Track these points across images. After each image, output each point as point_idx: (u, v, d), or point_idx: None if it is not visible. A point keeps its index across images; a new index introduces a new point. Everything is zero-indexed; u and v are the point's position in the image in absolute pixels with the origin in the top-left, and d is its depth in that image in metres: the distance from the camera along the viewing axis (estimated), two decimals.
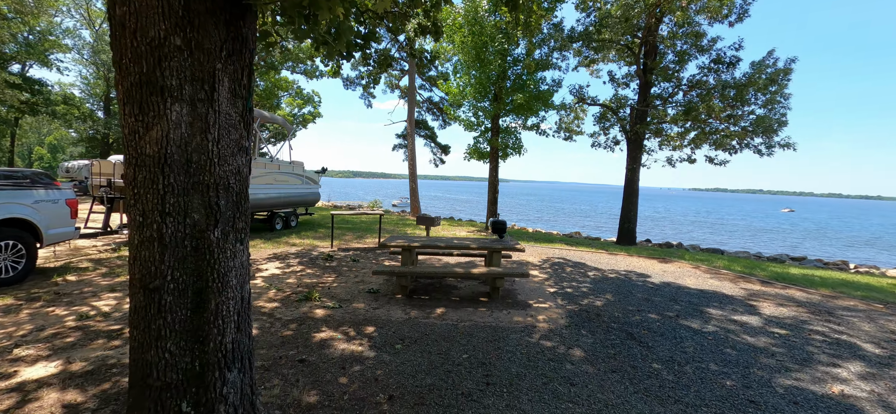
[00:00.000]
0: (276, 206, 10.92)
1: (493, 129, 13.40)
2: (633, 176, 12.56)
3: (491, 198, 13.62)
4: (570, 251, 9.37)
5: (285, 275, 6.03)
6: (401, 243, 5.11)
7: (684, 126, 12.62)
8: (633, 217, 12.62)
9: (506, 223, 5.48)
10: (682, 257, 9.52)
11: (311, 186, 12.76)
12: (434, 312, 4.55)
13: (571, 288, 5.84)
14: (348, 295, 5.11)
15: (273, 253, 7.63)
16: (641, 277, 6.85)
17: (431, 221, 8.90)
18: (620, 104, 13.45)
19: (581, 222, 37.28)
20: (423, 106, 24.40)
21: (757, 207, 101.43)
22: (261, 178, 10.17)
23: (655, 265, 8.03)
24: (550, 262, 7.82)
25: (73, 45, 31.22)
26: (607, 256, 8.98)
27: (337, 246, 8.72)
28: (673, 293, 5.78)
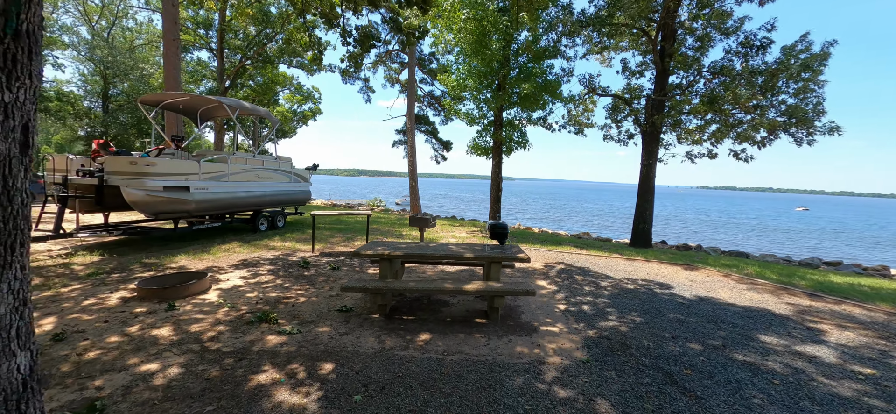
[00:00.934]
0: (259, 205, 10.06)
1: (496, 122, 12.43)
2: (648, 172, 11.51)
3: (494, 196, 12.66)
4: (580, 255, 8.38)
5: (248, 287, 5.13)
6: (379, 252, 4.18)
7: (704, 118, 11.55)
8: (649, 217, 11.58)
9: (506, 227, 4.53)
10: (706, 262, 8.49)
11: (300, 184, 11.89)
12: (416, 340, 3.61)
13: (587, 304, 4.87)
14: (315, 314, 4.19)
15: (243, 259, 6.75)
16: (667, 288, 5.86)
17: (425, 222, 7.96)
18: (634, 95, 12.39)
19: (590, 222, 36.11)
20: (424, 101, 23.48)
21: (769, 205, 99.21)
22: (241, 175, 9.31)
23: (680, 273, 7.02)
24: (559, 269, 6.85)
25: (69, 42, 30.70)
26: (623, 261, 7.98)
27: (319, 250, 7.82)
28: (711, 312, 4.78)
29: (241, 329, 3.75)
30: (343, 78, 23.27)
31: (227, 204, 8.94)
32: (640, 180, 11.68)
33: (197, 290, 4.81)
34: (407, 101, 19.00)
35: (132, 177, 6.95)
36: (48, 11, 31.28)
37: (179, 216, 8.01)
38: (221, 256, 7.00)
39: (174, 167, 7.57)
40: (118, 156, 7.04)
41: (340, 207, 24.07)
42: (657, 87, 11.42)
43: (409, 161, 18.91)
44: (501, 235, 4.53)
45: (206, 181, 8.25)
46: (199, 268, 6.12)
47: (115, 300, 4.47)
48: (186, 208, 7.85)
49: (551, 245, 9.91)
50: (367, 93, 23.21)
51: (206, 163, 8.30)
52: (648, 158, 11.44)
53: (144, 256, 6.73)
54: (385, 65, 22.59)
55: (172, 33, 13.28)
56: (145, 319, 3.93)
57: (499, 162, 12.58)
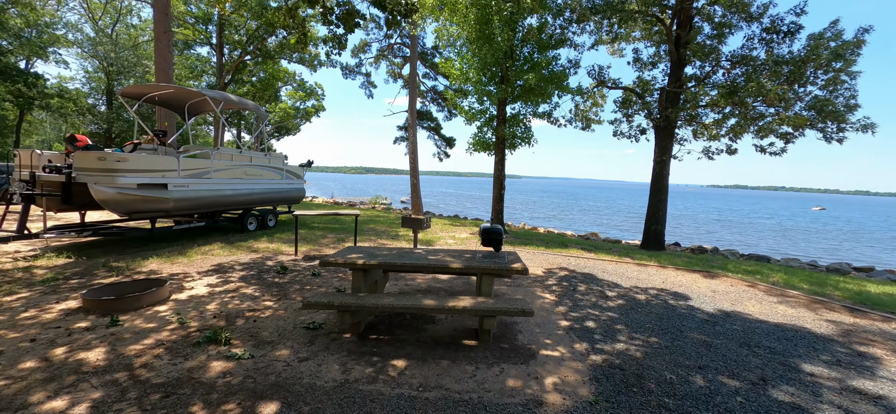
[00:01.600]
0: (248, 203, 9.55)
1: (499, 116, 11.76)
2: (661, 170, 10.76)
3: (496, 194, 12.01)
4: (587, 259, 7.71)
5: (211, 297, 4.58)
6: (352, 260, 3.59)
7: (722, 111, 10.76)
8: (662, 218, 10.83)
9: (501, 232, 3.89)
10: (725, 268, 7.76)
11: (293, 182, 11.36)
12: (389, 368, 3.01)
13: (593, 319, 4.22)
14: (276, 332, 3.62)
15: (218, 263, 6.20)
16: (685, 300, 5.17)
17: (419, 224, 7.36)
18: (647, 87, 11.63)
19: (598, 221, 35.21)
20: (426, 96, 22.85)
21: (782, 205, 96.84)
22: (227, 172, 8.79)
23: (699, 281, 6.31)
24: (563, 275, 6.19)
25: (74, 39, 30.69)
26: (635, 266, 7.29)
27: (303, 253, 7.26)
28: (741, 331, 4.10)
29: (185, 352, 3.19)
30: (344, 73, 22.79)
31: (212, 203, 8.43)
32: (652, 178, 10.94)
33: (152, 300, 4.27)
34: (408, 97, 18.39)
35: (101, 173, 6.45)
36: (53, 8, 31.30)
37: (156, 216, 7.51)
38: (197, 259, 6.48)
39: (149, 163, 7.06)
40: (87, 151, 6.54)
41: (342, 206, 23.60)
42: (672, 79, 10.66)
43: (410, 158, 18.32)
44: (495, 242, 3.89)
45: (186, 178, 7.73)
46: (169, 272, 5.60)
47: (57, 313, 3.95)
48: (164, 207, 7.34)
49: (556, 247, 9.24)
50: (369, 88, 22.67)
51: (186, 159, 7.78)
52: (662, 155, 10.69)
53: (114, 259, 6.23)
54: (387, 59, 22.01)
55: (163, 25, 12.84)
56: (79, 338, 3.39)
57: (502, 159, 11.92)
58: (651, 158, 11.16)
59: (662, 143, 10.72)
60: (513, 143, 12.04)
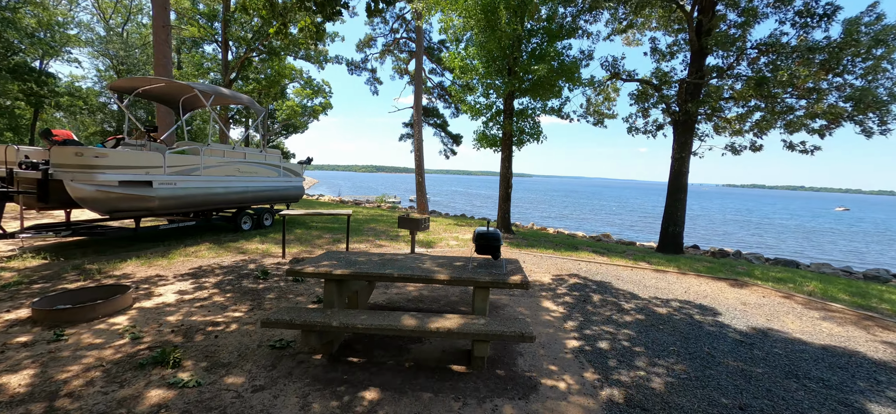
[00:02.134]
0: (241, 202, 9.16)
1: (505, 110, 11.15)
2: (680, 167, 10.03)
3: (502, 193, 11.42)
4: (600, 265, 7.08)
5: (178, 306, 4.13)
6: (323, 269, 3.08)
7: (747, 105, 9.99)
8: (681, 219, 10.11)
9: (499, 237, 3.33)
10: (752, 275, 7.05)
11: (291, 179, 10.95)
12: (357, 402, 2.50)
13: (607, 339, 3.64)
14: (236, 352, 3.13)
15: (198, 266, 5.77)
16: (714, 314, 4.54)
17: (416, 224, 6.84)
18: (665, 79, 10.88)
19: (610, 221, 34.21)
20: (433, 92, 22.31)
21: (802, 205, 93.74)
22: (218, 169, 8.40)
23: (726, 291, 5.65)
24: (573, 283, 5.60)
25: (86, 39, 31.03)
26: (652, 272, 6.64)
27: (293, 255, 6.79)
28: (784, 357, 3.47)
29: (123, 377, 2.72)
30: (349, 69, 22.41)
31: (201, 201, 8.05)
32: (670, 176, 10.22)
33: (110, 310, 3.83)
34: (414, 93, 17.89)
35: (78, 170, 6.08)
36: (66, 8, 31.64)
37: (141, 214, 7.14)
38: (178, 261, 6.07)
39: (131, 159, 6.69)
40: (64, 146, 6.19)
41: (347, 204, 23.24)
42: (692, 70, 9.92)
43: (415, 156, 17.82)
44: (493, 248, 3.33)
45: (173, 175, 7.35)
46: (145, 275, 5.19)
47: (1, 324, 3.53)
48: (148, 206, 6.97)
49: (566, 250, 8.62)
50: (375, 84, 22.25)
51: (173, 155, 7.40)
52: (681, 151, 9.96)
53: (90, 261, 5.86)
54: (393, 54, 21.55)
55: (162, 19, 12.57)
56: (12, 356, 2.96)
57: (509, 155, 11.31)
58: (667, 156, 10.45)
59: (681, 139, 9.99)
60: (520, 140, 11.42)
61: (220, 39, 21.91)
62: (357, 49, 21.07)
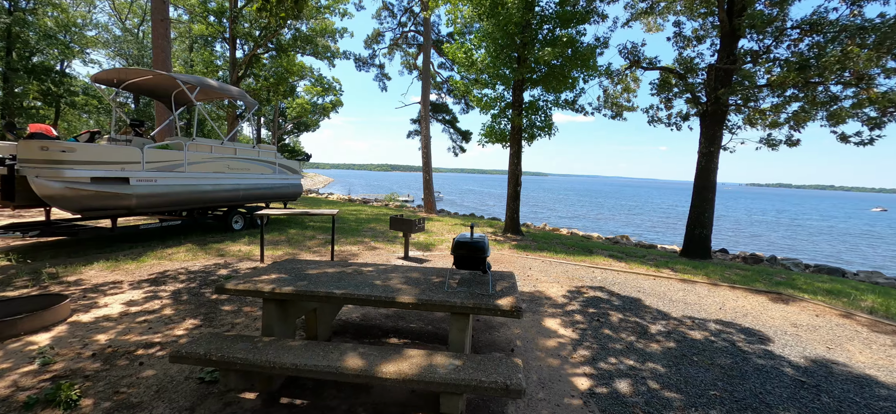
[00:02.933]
0: (231, 200, 8.67)
1: (514, 102, 10.36)
2: (708, 163, 9.04)
3: (511, 192, 10.63)
4: (617, 272, 6.25)
5: (119, 319, 3.55)
6: (260, 286, 2.42)
7: (784, 94, 8.92)
8: (708, 221, 9.11)
9: (485, 244, 2.56)
10: (795, 286, 6.09)
11: (287, 177, 10.44)
12: None
13: (629, 377, 2.87)
14: (155, 386, 2.50)
15: (164, 270, 5.23)
16: (760, 340, 3.70)
17: (409, 226, 6.16)
18: (690, 67, 9.88)
19: (629, 222, 32.78)
20: (443, 87, 21.60)
21: (834, 205, 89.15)
22: (205, 165, 7.92)
23: (769, 308, 4.76)
24: (587, 297, 4.81)
25: (103, 39, 31.60)
26: (679, 283, 5.77)
27: (273, 258, 6.20)
28: (864, 407, 2.63)
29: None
30: (357, 65, 21.93)
31: (186, 199, 7.57)
32: (697, 173, 9.24)
33: (36, 324, 3.28)
34: (421, 87, 17.22)
35: (44, 165, 5.64)
36: (85, 11, 32.26)
37: (117, 214, 6.68)
38: (148, 264, 5.55)
39: (104, 154, 6.22)
40: (30, 140, 5.75)
41: (355, 202, 22.78)
42: (722, 55, 8.92)
43: (422, 153, 17.17)
44: (477, 260, 2.55)
45: (153, 172, 6.88)
46: (107, 280, 4.68)
47: None
48: (125, 204, 6.50)
49: (579, 254, 7.78)
50: (383, 80, 21.70)
51: (153, 150, 6.92)
52: (709, 145, 8.97)
53: (54, 264, 5.40)
54: (401, 49, 20.94)
55: (161, 12, 12.25)
56: None
57: (518, 151, 10.51)
58: (689, 154, 9.47)
59: (710, 132, 9.00)
60: (531, 134, 10.61)
61: (227, 36, 21.76)
62: (365, 45, 20.55)
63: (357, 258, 6.48)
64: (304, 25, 23.52)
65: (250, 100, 9.27)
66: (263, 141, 37.17)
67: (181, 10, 26.95)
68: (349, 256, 6.67)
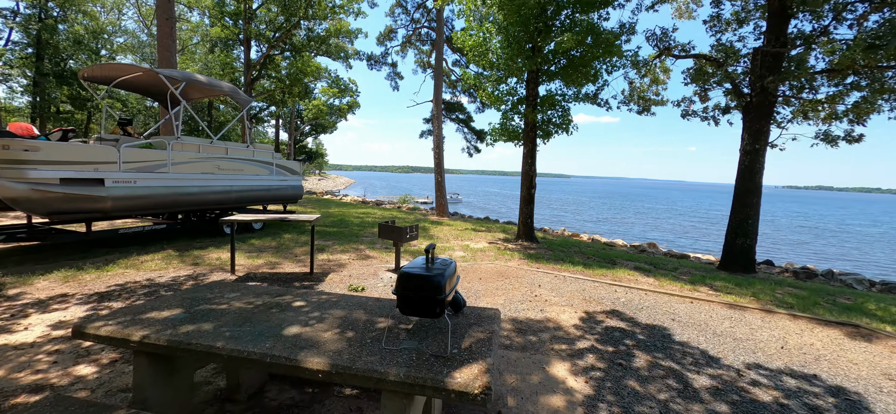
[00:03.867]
0: (223, 203, 8.17)
1: (528, 96, 9.45)
2: (753, 163, 7.85)
3: (524, 194, 9.70)
4: (646, 292, 5.26)
5: (20, 351, 2.94)
6: (132, 333, 1.69)
7: (842, 83, 7.66)
8: (752, 229, 7.91)
9: (444, 284, 1.68)
10: (867, 312, 4.94)
11: (287, 178, 9.90)
12: None
13: None
14: None
15: (122, 282, 4.65)
16: (848, 406, 2.70)
17: (399, 235, 5.40)
18: (731, 53, 8.68)
19: (657, 226, 30.85)
20: (458, 86, 20.82)
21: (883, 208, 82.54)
22: (191, 166, 7.43)
23: (847, 346, 3.70)
24: (605, 326, 3.89)
25: (131, 44, 32.63)
26: (723, 308, 4.74)
27: (248, 269, 5.56)
28: None
29: None
30: (369, 64, 21.47)
31: (170, 202, 7.08)
32: (739, 174, 8.06)
33: None
34: (433, 85, 16.50)
35: (5, 165, 5.21)
36: (114, 17, 33.38)
37: (91, 217, 6.24)
38: (111, 274, 5.02)
39: (75, 154, 5.77)
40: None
41: (369, 205, 22.26)
42: (769, 38, 7.72)
43: (434, 153, 16.42)
44: (430, 304, 1.71)
45: (131, 172, 6.41)
46: (50, 294, 4.14)
47: None
48: (99, 207, 6.04)
49: (600, 267, 6.79)
50: (395, 79, 21.12)
51: (132, 150, 6.46)
52: (753, 142, 7.78)
53: (9, 272, 4.94)
54: (414, 47, 20.32)
55: (166, 11, 12.05)
56: None
57: (532, 149, 9.57)
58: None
59: (754, 127, 7.80)
60: (546, 131, 9.66)
61: (242, 38, 21.76)
62: (377, 42, 20.07)
63: (344, 269, 5.76)
64: (318, 26, 23.33)
65: (243, 97, 8.76)
66: (263, 141, 37.21)
67: (200, 13, 27.37)
68: (336, 265, 5.97)
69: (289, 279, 5.08)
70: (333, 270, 5.71)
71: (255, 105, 25.94)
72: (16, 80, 26.09)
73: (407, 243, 6.50)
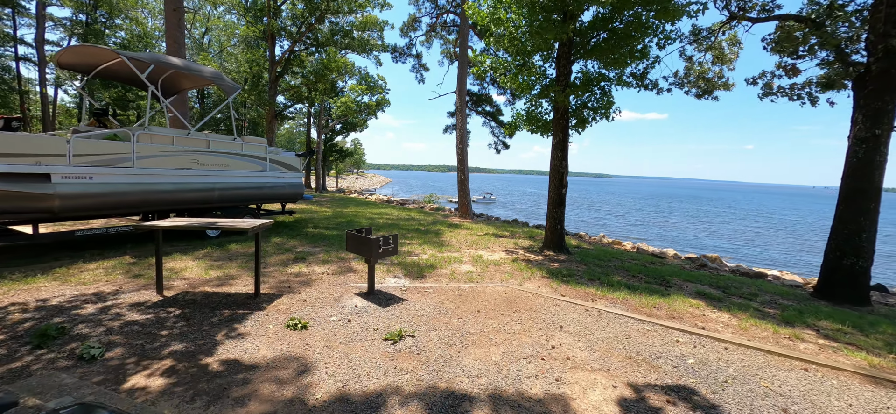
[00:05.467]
0: (204, 202, 7.29)
1: (559, 77, 7.80)
2: (870, 154, 5.73)
3: (553, 195, 8.05)
4: (722, 345, 3.56)
5: None
6: None
7: None
8: (867, 246, 5.79)
9: None
10: None
11: (283, 175, 8.93)
12: None
13: None
14: None
15: (7, 303, 3.67)
16: None
17: (368, 247, 4.07)
18: (833, 10, 6.54)
19: (714, 231, 27.26)
20: (487, 77, 19.27)
21: None
22: (161, 160, 6.55)
23: None
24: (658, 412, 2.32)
25: None
26: (856, 379, 2.96)
27: (192, 284, 4.45)
28: None
29: None
30: (393, 56, 20.45)
31: (135, 201, 6.23)
32: (847, 170, 5.96)
33: None
34: (457, 75, 15.09)
35: None
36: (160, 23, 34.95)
37: (36, 218, 5.46)
38: (17, 290, 4.10)
39: (13, 145, 4.98)
40: None
41: (393, 204, 21.27)
42: None
43: (457, 148, 15.01)
44: None
45: (85, 167, 5.58)
46: None
47: None
48: (45, 206, 5.24)
49: (649, 293, 5.08)
50: (420, 71, 19.93)
51: (85, 141, 5.63)
52: (873, 124, 5.67)
53: None
54: (440, 36, 19.01)
55: (173, 2, 11.56)
56: None
57: (563, 141, 7.89)
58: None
59: (873, 105, 5.69)
60: (581, 118, 7.97)
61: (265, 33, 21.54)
62: (401, 33, 18.97)
63: (309, 287, 4.53)
64: (344, 20, 22.71)
65: (229, 83, 7.82)
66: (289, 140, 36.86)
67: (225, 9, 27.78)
68: (302, 282, 4.75)
69: (223, 304, 3.91)
70: (293, 289, 4.49)
71: (281, 102, 25.75)
72: (71, 83, 27.72)
73: (381, 259, 5.16)
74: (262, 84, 22.23)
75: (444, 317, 3.75)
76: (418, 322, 3.58)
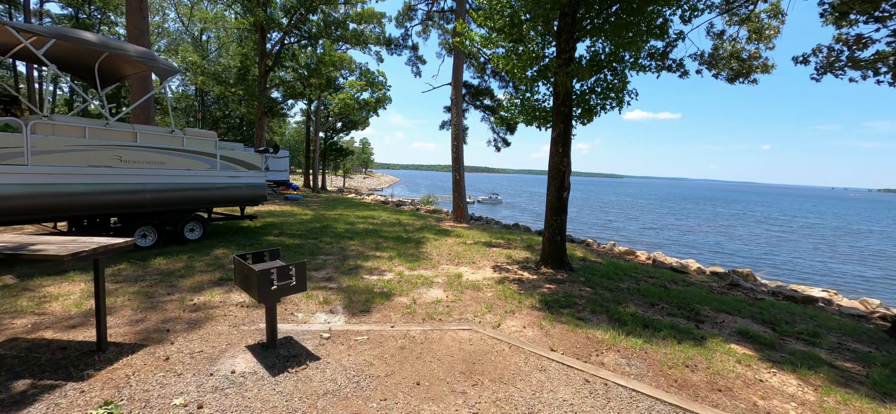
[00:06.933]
0: (131, 205, 6.09)
1: (560, 51, 6.40)
2: None
3: (552, 200, 6.64)
4: None
5: None
6: None
7: None
8: None
9: None
10: None
11: (236, 174, 7.70)
12: None
13: None
14: None
15: None
16: None
17: (248, 283, 2.74)
18: None
19: (731, 234, 25.39)
20: (488, 69, 17.88)
21: None
22: (70, 156, 5.37)
23: None
24: None
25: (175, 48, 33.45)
26: None
27: (20, 331, 3.21)
28: None
29: None
30: (389, 49, 19.17)
31: (32, 206, 5.06)
32: None
33: None
34: (452, 66, 13.74)
35: None
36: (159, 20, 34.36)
37: None
38: None
39: None
40: None
41: (388, 207, 20.02)
42: None
43: (452, 145, 13.65)
44: None
45: None
46: None
47: None
48: None
49: (674, 338, 3.68)
50: (417, 64, 18.61)
51: None
52: None
53: None
54: (438, 26, 17.66)
55: None
56: None
57: (564, 133, 6.50)
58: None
59: None
60: (588, 106, 6.55)
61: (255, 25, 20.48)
62: (396, 23, 17.68)
63: (195, 331, 3.26)
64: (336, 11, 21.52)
65: (164, 65, 6.60)
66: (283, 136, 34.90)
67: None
68: (188, 323, 3.47)
69: (45, 365, 2.65)
70: (168, 335, 3.20)
71: (277, 98, 24.70)
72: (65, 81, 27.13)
73: (280, 299, 3.69)
74: (251, 78, 21.17)
75: (358, 397, 2.42)
76: (312, 411, 2.26)
